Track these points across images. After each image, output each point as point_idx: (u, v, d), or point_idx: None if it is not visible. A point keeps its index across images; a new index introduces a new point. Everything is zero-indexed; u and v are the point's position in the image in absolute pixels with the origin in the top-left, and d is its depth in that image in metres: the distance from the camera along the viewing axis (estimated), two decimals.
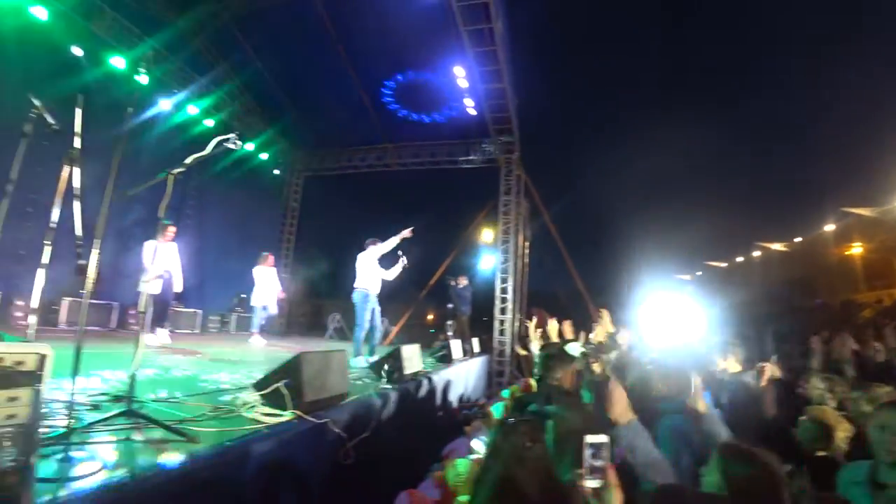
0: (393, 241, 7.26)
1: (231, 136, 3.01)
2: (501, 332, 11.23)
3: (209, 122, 10.77)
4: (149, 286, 5.74)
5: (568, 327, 6.57)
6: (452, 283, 10.44)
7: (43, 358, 1.47)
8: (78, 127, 2.93)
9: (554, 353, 3.68)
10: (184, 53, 9.47)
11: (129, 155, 2.48)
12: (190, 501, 2.00)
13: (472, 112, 10.52)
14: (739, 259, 26.78)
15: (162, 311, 6.93)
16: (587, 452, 1.43)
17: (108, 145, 3.02)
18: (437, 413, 5.96)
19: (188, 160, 2.84)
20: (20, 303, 6.96)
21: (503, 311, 11.27)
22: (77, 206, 2.85)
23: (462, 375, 7.51)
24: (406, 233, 7.38)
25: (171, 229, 7.18)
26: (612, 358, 4.13)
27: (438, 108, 10.99)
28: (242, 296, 11.51)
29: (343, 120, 12.14)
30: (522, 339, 11.28)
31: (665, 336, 7.36)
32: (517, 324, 11.24)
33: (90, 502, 1.62)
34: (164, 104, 9.70)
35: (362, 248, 7.33)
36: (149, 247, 6.41)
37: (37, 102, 3.14)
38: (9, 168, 3.02)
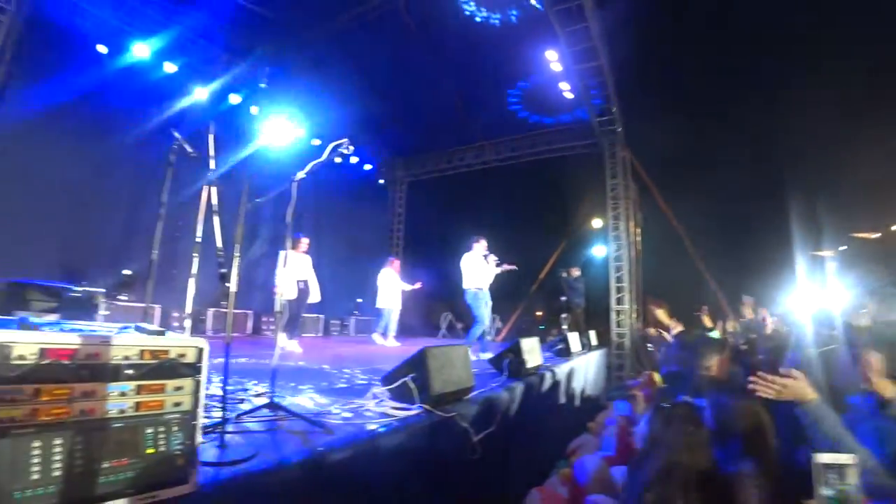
0: (494, 268, 7.41)
1: (344, 140, 3.11)
2: (619, 324, 10.56)
3: (316, 142, 11.56)
4: (284, 292, 6.17)
5: (706, 316, 5.94)
6: (564, 274, 10.05)
7: (201, 350, 1.58)
8: (212, 151, 3.22)
9: (705, 341, 3.28)
10: (289, 78, 10.16)
11: (250, 174, 2.68)
12: (327, 488, 2.06)
13: (569, 96, 10.03)
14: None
15: (293, 320, 7.08)
16: (823, 476, 1.10)
17: (236, 167, 3.33)
18: (559, 408, 5.71)
19: (308, 166, 2.99)
20: (176, 314, 8.03)
21: (619, 301, 10.59)
22: (216, 221, 3.11)
23: (582, 369, 7.15)
24: (509, 267, 7.60)
25: (305, 241, 7.42)
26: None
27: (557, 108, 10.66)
28: (359, 300, 12.19)
29: (439, 123, 12.33)
30: (641, 330, 10.51)
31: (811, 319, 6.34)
32: (634, 315, 10.50)
33: (247, 484, 1.73)
34: (276, 129, 10.57)
35: (468, 248, 7.45)
36: (282, 256, 6.84)
37: (177, 135, 3.54)
38: (160, 194, 3.43)
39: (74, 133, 7.33)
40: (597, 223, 11.66)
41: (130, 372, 1.38)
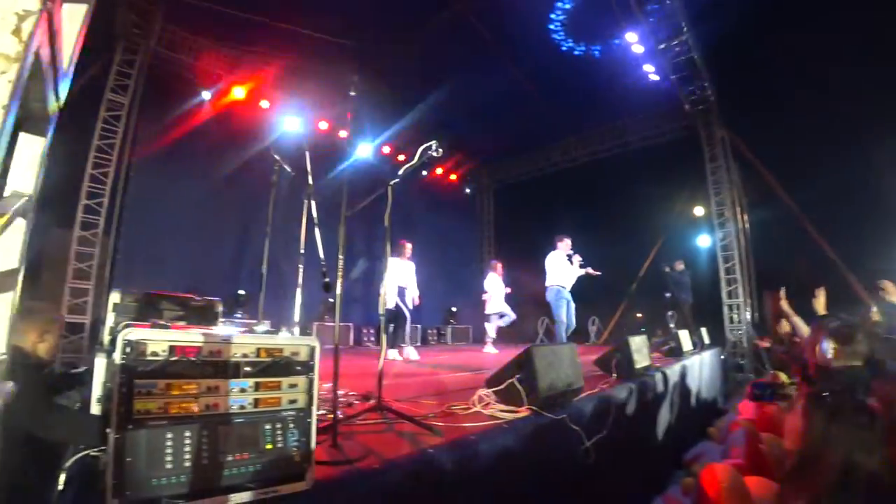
0: (578, 268, 7.49)
1: (433, 143, 3.14)
2: (732, 320, 9.54)
3: (402, 157, 11.91)
4: (388, 301, 6.31)
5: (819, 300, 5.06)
6: (667, 269, 9.27)
7: (313, 349, 1.61)
8: (308, 167, 3.40)
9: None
10: (373, 101, 10.54)
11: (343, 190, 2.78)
12: (436, 490, 2.00)
13: (655, 78, 9.35)
14: None
15: (401, 327, 6.98)
16: None
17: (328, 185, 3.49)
18: (672, 413, 5.23)
19: (402, 171, 3.04)
20: (284, 328, 8.56)
21: (731, 294, 9.58)
22: (317, 233, 3.24)
23: (695, 370, 6.51)
24: (593, 272, 7.66)
25: (408, 246, 7.36)
26: None
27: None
28: (453, 309, 12.28)
29: (521, 125, 12.13)
30: (758, 325, 9.42)
31: None
32: (749, 310, 9.42)
33: (359, 483, 1.73)
34: (364, 149, 11.05)
35: (553, 247, 7.67)
36: (389, 262, 6.92)
37: (276, 157, 3.80)
38: (266, 213, 3.67)
39: (190, 164, 8.33)
40: (699, 211, 10.67)
41: (249, 369, 1.43)
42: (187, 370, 1.30)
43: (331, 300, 8.89)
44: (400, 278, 7.07)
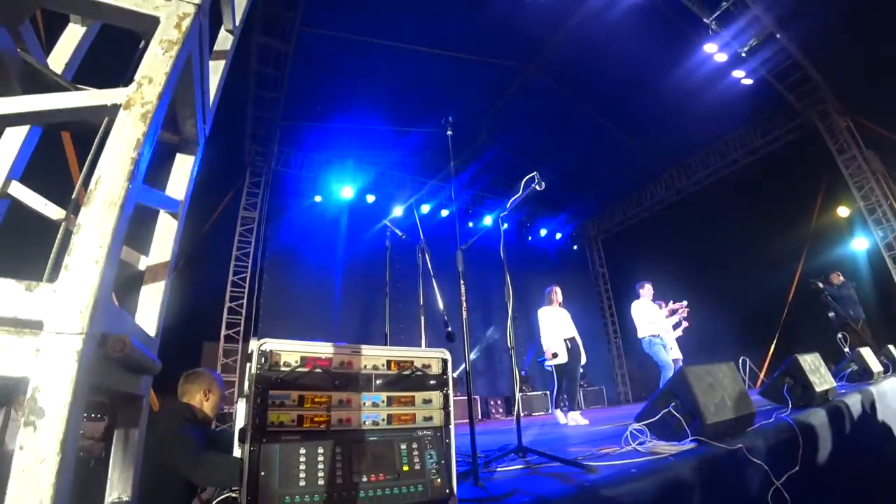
0: (666, 317, 7.01)
1: (534, 174, 3.16)
2: None
3: (505, 225, 12.08)
4: (553, 357, 5.78)
5: None
6: (821, 285, 7.86)
7: (446, 361, 1.52)
8: (419, 223, 3.55)
9: None
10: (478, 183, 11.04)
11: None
12: None
13: (748, 82, 8.64)
14: None
15: (566, 387, 5.88)
16: None
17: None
18: (876, 449, 4.15)
19: (509, 203, 3.10)
20: None
21: None
22: (434, 283, 3.28)
23: (892, 396, 5.22)
24: (681, 309, 7.23)
25: (557, 290, 6.59)
26: None
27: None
28: (581, 370, 11.48)
29: (618, 171, 11.84)
30: None
31: None
32: None
33: None
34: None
35: (636, 295, 7.09)
36: (544, 313, 6.16)
37: (388, 223, 4.05)
38: (384, 274, 3.84)
39: (314, 257, 9.11)
40: (843, 212, 9.14)
41: (380, 382, 1.37)
42: (319, 382, 1.27)
43: (454, 374, 8.84)
44: (561, 327, 6.08)
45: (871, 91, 8.33)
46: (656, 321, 6.63)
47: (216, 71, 1.24)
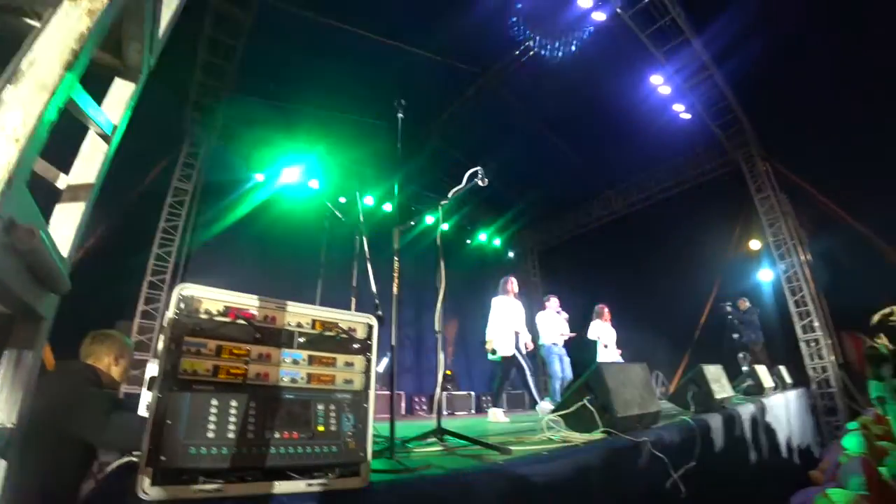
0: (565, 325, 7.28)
1: (479, 169, 3.21)
2: (812, 356, 8.57)
3: (445, 227, 12.13)
4: (500, 347, 5.61)
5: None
6: (730, 308, 8.62)
7: (371, 327, 1.52)
8: (360, 207, 3.51)
9: None
10: (413, 177, 10.92)
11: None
12: (505, 502, 1.78)
13: (686, 116, 9.31)
14: None
15: (503, 383, 5.79)
16: None
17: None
18: (762, 456, 4.60)
19: (451, 194, 3.09)
20: None
21: (806, 328, 8.70)
22: (369, 267, 3.26)
23: (781, 411, 5.80)
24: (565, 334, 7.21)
25: (514, 281, 6.47)
26: None
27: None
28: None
29: (559, 185, 12.24)
30: (842, 365, 8.40)
31: None
32: (830, 341, 8.45)
33: (421, 490, 1.55)
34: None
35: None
36: (496, 303, 6.04)
37: (329, 205, 3.97)
38: (319, 257, 3.75)
39: (248, 242, 8.66)
40: (755, 245, 10.06)
41: (302, 340, 1.35)
42: (240, 334, 1.24)
43: (379, 370, 8.74)
44: (512, 320, 5.90)
45: (789, 139, 9.23)
46: (555, 332, 7.05)
47: (169, 6, 1.19)
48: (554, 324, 7.13)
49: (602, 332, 7.52)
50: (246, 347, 1.23)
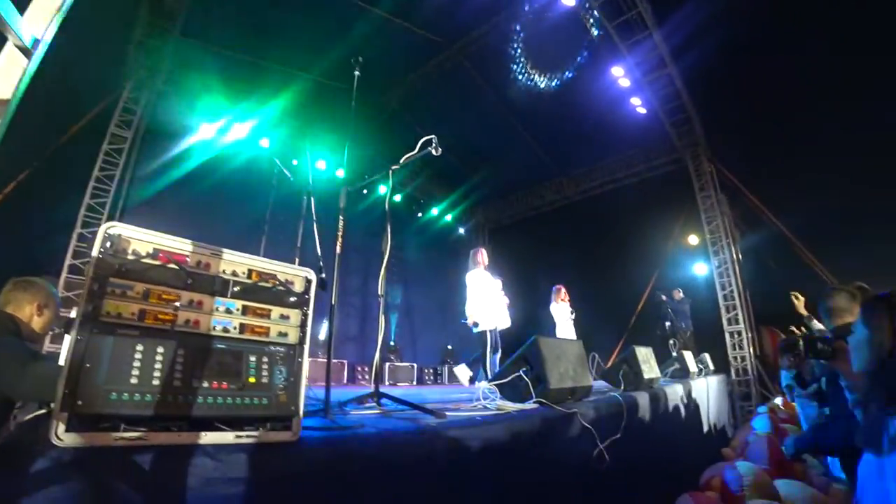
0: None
1: (433, 138, 3.17)
2: (735, 346, 9.31)
3: (397, 198, 12.00)
4: (482, 321, 5.51)
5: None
6: (665, 297, 9.16)
7: (309, 282, 1.49)
8: (310, 168, 3.40)
9: None
10: (369, 144, 10.68)
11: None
12: (433, 463, 1.84)
13: (642, 111, 9.62)
14: None
15: (483, 354, 5.58)
16: None
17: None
18: (683, 433, 4.97)
19: (402, 160, 3.05)
20: None
21: (732, 321, 9.41)
22: (315, 228, 3.17)
23: (703, 394, 6.28)
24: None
25: (483, 252, 6.25)
26: None
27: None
28: (449, 347, 11.97)
29: (514, 166, 12.36)
30: (758, 356, 9.21)
31: None
32: (751, 334, 9.23)
33: (352, 447, 1.57)
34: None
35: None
36: (471, 277, 5.84)
37: (277, 161, 3.82)
38: (265, 214, 3.62)
39: (191, 199, 8.12)
40: (693, 240, 10.69)
41: (237, 289, 1.31)
42: (170, 279, 1.18)
43: (320, 337, 8.64)
44: (489, 291, 5.78)
45: (732, 140, 9.75)
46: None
47: None
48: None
49: (559, 311, 7.65)
50: (176, 293, 1.18)
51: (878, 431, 1.24)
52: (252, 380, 1.27)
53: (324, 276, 2.92)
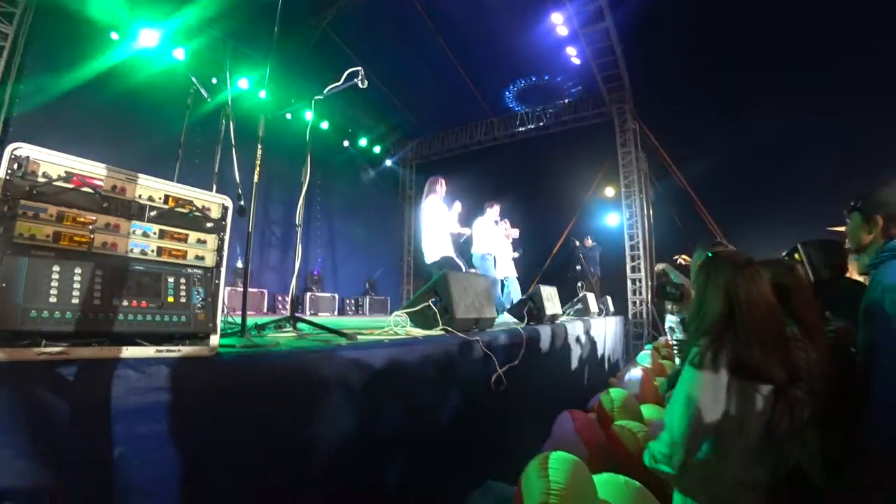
0: (501, 233, 7.41)
1: (360, 70, 3.12)
2: (635, 292, 10.43)
3: (324, 125, 11.50)
4: (430, 252, 5.74)
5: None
6: (577, 244, 9.94)
7: (226, 208, 1.56)
8: (229, 90, 3.24)
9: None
10: (296, 67, 10.01)
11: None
12: (349, 382, 2.07)
13: (577, 61, 9.82)
14: None
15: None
16: None
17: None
18: (579, 364, 5.63)
19: (326, 90, 3.00)
20: None
21: (634, 269, 10.46)
22: (234, 154, 3.10)
23: (601, 331, 7.07)
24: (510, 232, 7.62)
25: (442, 181, 6.32)
26: None
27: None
28: (373, 280, 12.23)
29: (446, 103, 12.24)
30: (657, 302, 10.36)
31: None
32: (649, 281, 10.36)
33: (266, 364, 1.72)
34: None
35: (481, 212, 7.70)
36: (427, 206, 6.00)
37: (194, 79, 3.58)
38: (179, 137, 3.45)
39: (94, 112, 7.34)
40: (609, 192, 11.48)
41: (154, 214, 1.37)
42: (85, 202, 1.22)
43: (238, 265, 8.46)
44: (447, 222, 5.84)
45: (658, 103, 10.34)
46: (493, 240, 7.19)
47: None
48: (490, 232, 7.15)
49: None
50: (92, 216, 1.22)
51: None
52: (171, 299, 1.37)
53: (242, 203, 2.94)
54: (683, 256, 4.93)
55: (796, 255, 2.46)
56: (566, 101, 11.61)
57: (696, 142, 9.72)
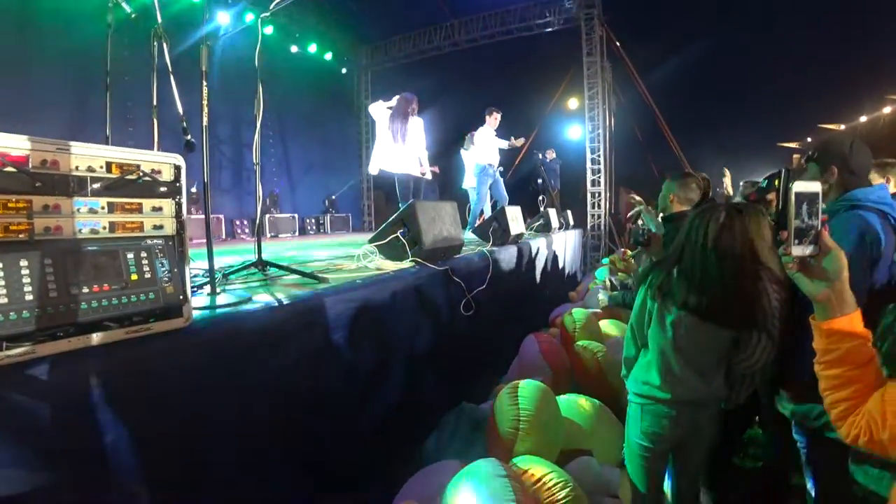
0: (501, 143, 7.21)
1: None
2: (594, 205, 10.67)
3: (269, 30, 10.36)
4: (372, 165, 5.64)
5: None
6: (539, 156, 9.85)
7: (179, 168, 1.43)
8: (157, 5, 2.79)
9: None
10: None
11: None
12: (324, 330, 2.09)
13: None
14: (863, 118, 20.47)
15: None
16: (796, 207, 0.89)
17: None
18: (541, 280, 5.89)
19: (272, 6, 2.68)
20: None
21: (594, 182, 10.59)
22: (172, 81, 2.75)
23: (561, 246, 7.31)
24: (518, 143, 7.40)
25: (408, 98, 6.06)
26: None
27: None
28: (333, 197, 11.88)
29: (405, 4, 11.17)
30: (613, 215, 10.66)
31: None
32: (608, 194, 10.58)
33: (242, 322, 1.69)
34: (223, 17, 9.35)
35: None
36: (375, 107, 5.87)
37: None
38: (104, 64, 2.99)
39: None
40: (573, 104, 11.20)
41: (98, 186, 1.23)
42: (12, 184, 1.07)
43: (193, 190, 8.00)
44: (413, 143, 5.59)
45: (627, 11, 9.78)
46: (492, 151, 6.96)
47: None
48: (490, 142, 6.95)
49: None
50: (25, 199, 1.08)
51: None
52: (135, 277, 1.28)
53: (190, 137, 2.68)
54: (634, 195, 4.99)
55: (776, 182, 2.50)
56: (531, 4, 10.81)
57: (662, 55, 9.45)
